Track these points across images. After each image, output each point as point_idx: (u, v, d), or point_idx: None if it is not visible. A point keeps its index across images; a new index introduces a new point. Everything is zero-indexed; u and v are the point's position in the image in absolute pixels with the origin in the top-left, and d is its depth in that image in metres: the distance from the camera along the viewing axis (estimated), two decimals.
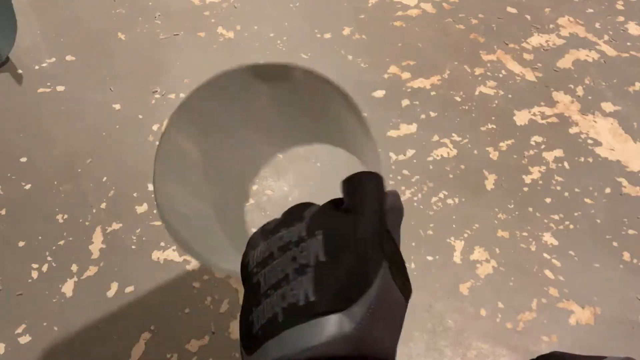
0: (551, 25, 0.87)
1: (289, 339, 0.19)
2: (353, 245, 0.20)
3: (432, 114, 0.72)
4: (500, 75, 0.78)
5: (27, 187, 0.63)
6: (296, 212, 0.24)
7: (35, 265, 0.56)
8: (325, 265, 0.20)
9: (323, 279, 0.20)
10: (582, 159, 0.68)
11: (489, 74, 0.78)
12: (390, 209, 0.23)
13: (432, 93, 0.75)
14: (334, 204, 0.23)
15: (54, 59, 0.78)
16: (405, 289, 0.21)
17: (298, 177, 0.64)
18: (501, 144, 0.69)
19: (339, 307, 0.19)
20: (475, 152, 0.68)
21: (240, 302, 0.53)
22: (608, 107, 0.74)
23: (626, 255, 0.58)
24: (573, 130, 0.71)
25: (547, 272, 0.56)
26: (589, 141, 0.70)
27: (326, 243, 0.21)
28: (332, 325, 0.18)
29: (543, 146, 0.69)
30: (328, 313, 0.19)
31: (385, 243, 0.21)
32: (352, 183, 0.23)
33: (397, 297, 0.20)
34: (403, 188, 0.63)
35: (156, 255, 0.56)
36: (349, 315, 0.19)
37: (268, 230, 0.24)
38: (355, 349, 0.19)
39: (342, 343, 0.18)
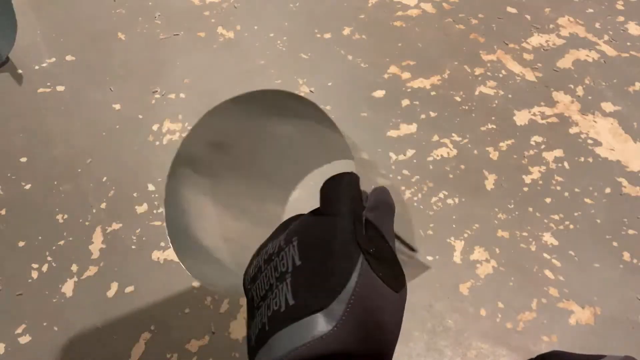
0: (551, 25, 0.87)
1: (275, 344, 0.19)
2: (326, 246, 0.20)
3: (432, 114, 0.72)
4: (500, 75, 0.78)
5: (27, 187, 0.63)
6: (283, 225, 0.24)
7: (35, 265, 0.56)
8: (302, 268, 0.20)
9: (300, 282, 0.20)
10: (582, 159, 0.68)
11: (489, 74, 0.78)
12: (378, 204, 0.23)
13: (432, 93, 0.75)
14: (315, 212, 0.24)
15: (54, 59, 0.78)
16: (394, 281, 0.21)
17: None
18: (501, 144, 0.69)
19: (319, 307, 0.19)
20: (475, 152, 0.68)
21: (240, 302, 0.53)
22: (608, 107, 0.74)
23: (626, 255, 0.58)
24: (573, 130, 0.71)
25: (547, 272, 0.56)
26: (589, 141, 0.70)
27: (301, 247, 0.21)
28: (313, 325, 0.19)
29: (543, 146, 0.69)
30: (309, 314, 0.19)
31: (364, 239, 0.21)
32: (325, 187, 0.23)
33: (383, 290, 0.20)
34: (403, 188, 0.63)
35: (156, 255, 0.56)
36: (329, 314, 0.19)
37: (261, 247, 0.25)
38: (338, 346, 0.19)
39: (324, 341, 0.19)
